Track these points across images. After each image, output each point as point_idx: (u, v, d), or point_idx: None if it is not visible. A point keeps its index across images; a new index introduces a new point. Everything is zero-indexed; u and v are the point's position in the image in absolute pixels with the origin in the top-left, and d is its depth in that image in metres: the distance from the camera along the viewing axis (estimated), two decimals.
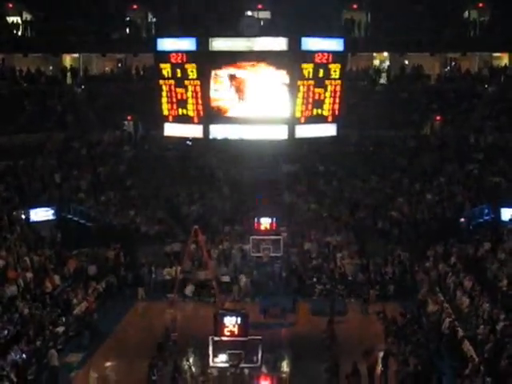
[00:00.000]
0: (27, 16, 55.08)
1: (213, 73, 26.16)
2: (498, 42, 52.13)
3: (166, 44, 27.63)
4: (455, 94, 52.65)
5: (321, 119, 27.70)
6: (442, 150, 48.38)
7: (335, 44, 27.46)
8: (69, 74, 55.01)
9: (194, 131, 27.81)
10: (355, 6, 54.79)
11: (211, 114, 26.85)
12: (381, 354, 28.26)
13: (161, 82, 27.79)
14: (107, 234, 41.52)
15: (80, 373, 28.85)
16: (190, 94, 26.97)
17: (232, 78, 26.15)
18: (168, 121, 28.24)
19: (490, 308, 30.19)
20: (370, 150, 49.11)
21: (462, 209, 42.69)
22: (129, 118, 51.76)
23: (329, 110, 27.67)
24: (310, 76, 26.60)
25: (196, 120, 27.22)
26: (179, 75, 27.00)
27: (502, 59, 55.95)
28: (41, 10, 54.50)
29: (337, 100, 27.70)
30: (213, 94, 26.53)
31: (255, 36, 26.44)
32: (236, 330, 26.14)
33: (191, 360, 29.23)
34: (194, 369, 28.48)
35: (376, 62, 57.64)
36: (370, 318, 34.62)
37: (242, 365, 26.32)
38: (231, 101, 26.56)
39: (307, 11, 45.54)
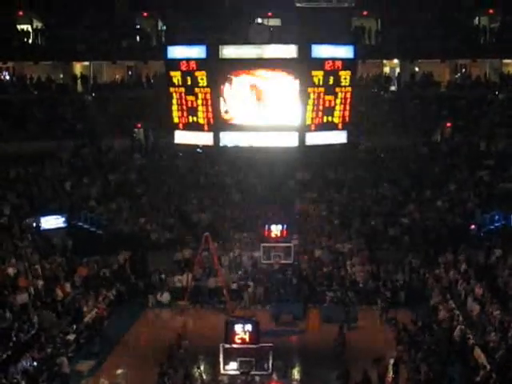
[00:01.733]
0: (38, 24, 55.30)
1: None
2: (509, 49, 51.92)
3: (176, 52, 27.58)
4: (466, 101, 52.57)
5: (331, 126, 27.59)
6: (453, 157, 48.31)
7: (345, 51, 27.36)
8: (79, 81, 55.14)
9: (204, 139, 27.71)
10: (365, 13, 54.73)
11: (221, 122, 26.83)
12: (391, 362, 28.19)
13: (171, 89, 27.77)
14: (118, 241, 41.55)
15: (90, 380, 28.78)
16: (200, 101, 26.90)
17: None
18: (178, 128, 28.20)
19: (501, 315, 30.13)
20: (381, 157, 49.08)
21: (472, 216, 42.60)
22: (139, 125, 51.80)
23: (339, 118, 27.59)
24: (321, 83, 26.50)
25: (206, 128, 27.13)
26: (189, 83, 26.96)
27: None
28: (51, 18, 54.66)
29: (347, 107, 27.60)
30: (224, 102, 26.50)
31: (265, 43, 26.42)
32: (247, 337, 26.07)
33: (202, 367, 29.21)
34: (204, 376, 28.46)
35: (386, 69, 57.60)
36: (380, 325, 34.56)
37: (253, 372, 26.27)
38: (243, 108, 26.52)
39: (317, 18, 45.63)
